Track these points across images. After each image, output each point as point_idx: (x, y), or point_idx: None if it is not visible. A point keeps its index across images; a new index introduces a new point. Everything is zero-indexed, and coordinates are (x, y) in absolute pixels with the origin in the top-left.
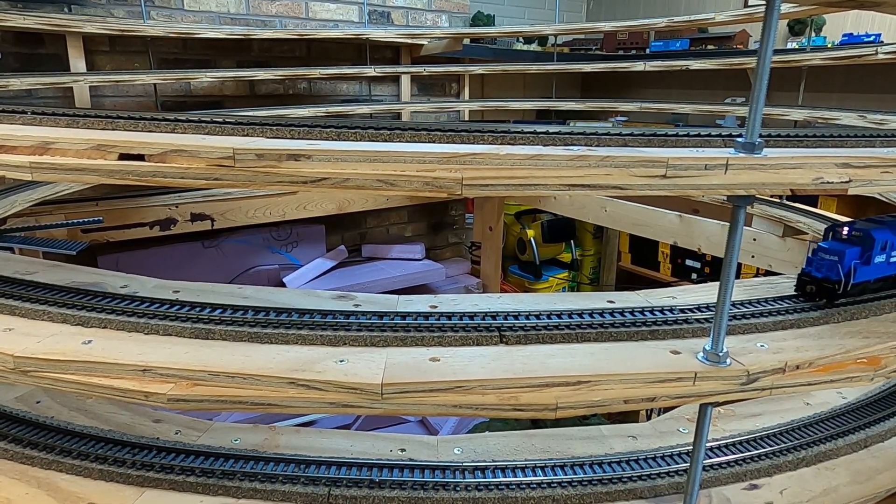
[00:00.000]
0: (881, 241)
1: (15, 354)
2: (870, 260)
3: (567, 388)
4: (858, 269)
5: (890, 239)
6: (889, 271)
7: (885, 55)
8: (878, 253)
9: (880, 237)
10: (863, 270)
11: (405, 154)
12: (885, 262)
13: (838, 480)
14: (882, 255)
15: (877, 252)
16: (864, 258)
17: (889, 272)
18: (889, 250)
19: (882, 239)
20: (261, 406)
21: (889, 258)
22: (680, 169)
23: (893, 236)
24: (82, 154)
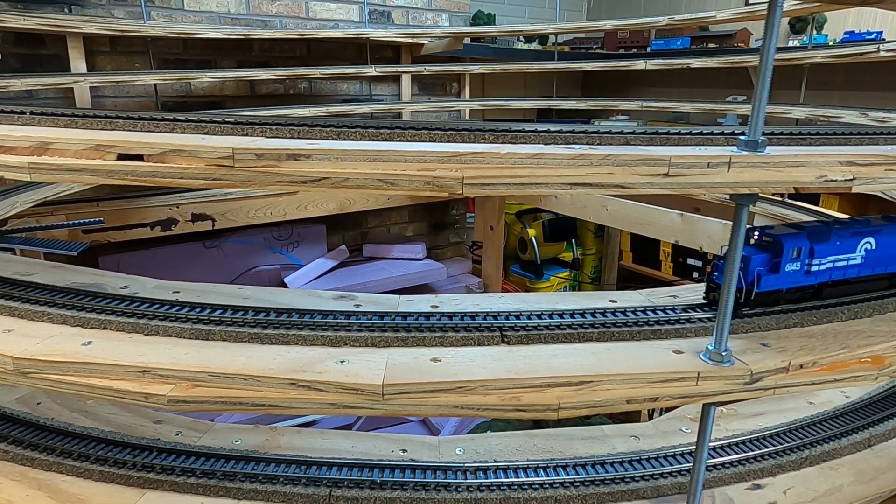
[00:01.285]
0: (793, 249)
1: (14, 356)
2: (779, 268)
3: (569, 388)
4: (764, 277)
5: (806, 246)
6: (807, 281)
7: (887, 53)
8: (789, 261)
9: (792, 244)
10: (770, 279)
11: (406, 153)
12: (800, 270)
13: (842, 480)
14: (795, 263)
15: (788, 260)
16: (773, 266)
17: (807, 282)
18: (805, 258)
19: (794, 246)
20: (261, 407)
21: (807, 267)
22: (682, 167)
23: (814, 244)
24: (81, 154)
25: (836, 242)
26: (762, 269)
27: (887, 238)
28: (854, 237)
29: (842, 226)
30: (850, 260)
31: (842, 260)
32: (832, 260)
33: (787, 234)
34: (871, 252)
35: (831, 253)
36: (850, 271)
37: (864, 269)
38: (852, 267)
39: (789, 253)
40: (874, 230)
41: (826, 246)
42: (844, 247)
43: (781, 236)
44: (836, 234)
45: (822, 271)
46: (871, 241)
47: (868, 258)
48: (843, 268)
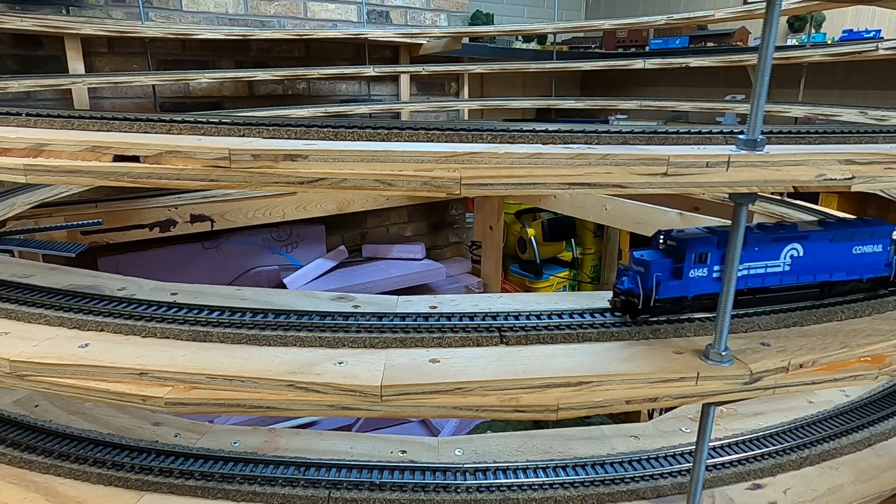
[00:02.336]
0: (696, 254)
1: (11, 358)
2: (681, 274)
3: (568, 388)
4: (664, 283)
5: (715, 252)
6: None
7: (886, 51)
8: (693, 267)
9: (695, 249)
10: (672, 286)
11: (403, 154)
12: (708, 277)
13: (842, 479)
14: (701, 269)
15: (691, 266)
16: (674, 272)
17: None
18: (715, 264)
19: (698, 251)
20: (259, 409)
21: (717, 273)
22: (681, 167)
23: (722, 250)
24: (77, 156)
25: (755, 248)
26: (662, 275)
27: (817, 245)
28: (776, 243)
29: (763, 231)
30: (770, 267)
31: (760, 267)
32: (748, 267)
33: (692, 239)
34: (799, 259)
35: (748, 259)
36: (770, 279)
37: (788, 277)
38: (773, 275)
39: (691, 258)
40: (801, 236)
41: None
42: (764, 253)
43: (685, 241)
44: (754, 239)
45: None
46: (797, 248)
47: (795, 266)
48: (763, 275)
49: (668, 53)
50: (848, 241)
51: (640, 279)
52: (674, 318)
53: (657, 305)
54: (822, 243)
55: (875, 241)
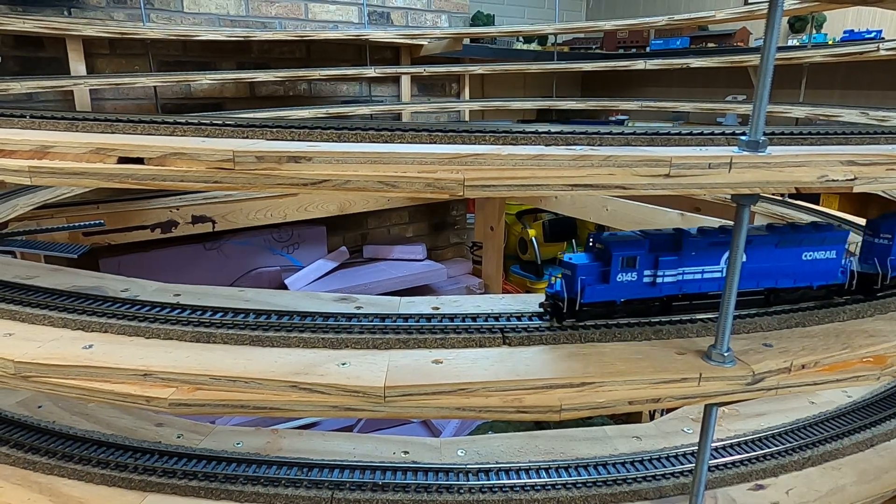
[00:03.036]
0: (623, 258)
1: (16, 360)
2: (608, 278)
3: (571, 389)
4: (590, 287)
5: (646, 256)
6: (651, 293)
7: (887, 52)
8: (621, 271)
9: (622, 253)
10: (598, 290)
11: (406, 155)
12: (637, 281)
13: (845, 480)
14: (630, 273)
15: (619, 270)
16: (601, 276)
17: (652, 294)
18: (645, 269)
19: (625, 255)
20: (263, 410)
21: (650, 278)
22: (683, 168)
23: (659, 254)
24: (81, 158)
25: (691, 253)
26: (588, 279)
27: (760, 250)
28: (714, 248)
29: (701, 235)
30: (707, 273)
31: (696, 272)
32: (682, 272)
33: (619, 242)
34: (742, 265)
35: (683, 264)
36: (707, 285)
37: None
38: (711, 280)
39: (618, 262)
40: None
41: (675, 256)
42: (701, 258)
43: (612, 244)
44: (690, 243)
45: (670, 283)
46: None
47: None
48: (699, 281)
49: (668, 54)
50: (796, 247)
51: (566, 283)
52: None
53: (584, 310)
54: (766, 249)
55: (827, 247)
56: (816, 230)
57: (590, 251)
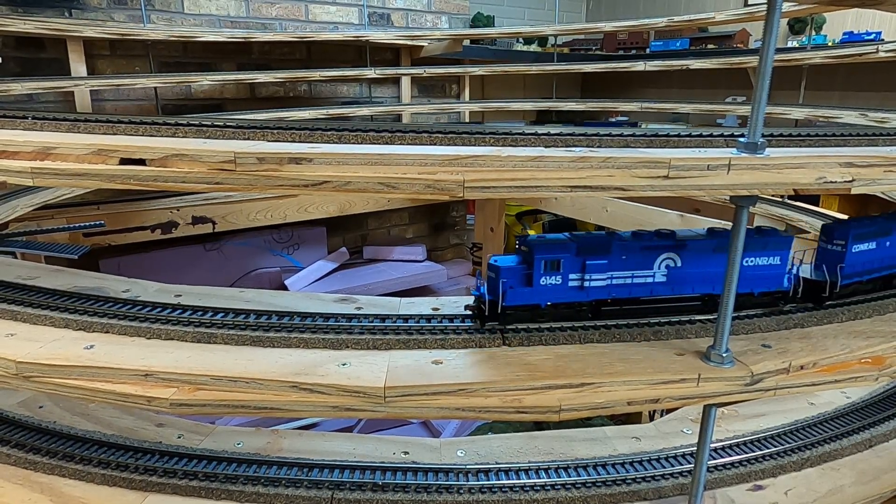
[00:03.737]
0: (547, 261)
1: (17, 360)
2: (531, 281)
3: (570, 389)
4: (512, 291)
5: (572, 259)
6: (579, 297)
7: (886, 53)
8: (544, 274)
9: (545, 256)
10: (521, 293)
11: (407, 156)
12: (563, 285)
13: (843, 481)
14: (554, 277)
15: (541, 273)
16: (525, 279)
17: (580, 298)
18: (571, 272)
19: (548, 258)
20: (263, 410)
21: (576, 282)
22: (682, 170)
23: (586, 257)
24: (83, 159)
25: (622, 257)
26: (511, 282)
27: (696, 255)
28: (647, 252)
29: (634, 239)
30: (638, 277)
31: (626, 277)
32: (611, 276)
33: (542, 245)
34: (676, 270)
35: (613, 268)
36: (639, 290)
37: (661, 288)
38: (643, 285)
39: (540, 265)
40: (677, 245)
41: (604, 260)
42: (633, 262)
43: (535, 246)
44: (620, 247)
45: (598, 288)
46: (673, 258)
47: (672, 277)
48: (629, 286)
49: (668, 55)
50: None
51: (491, 285)
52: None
53: (508, 313)
54: (702, 253)
55: (770, 252)
56: (760, 235)
57: (518, 254)
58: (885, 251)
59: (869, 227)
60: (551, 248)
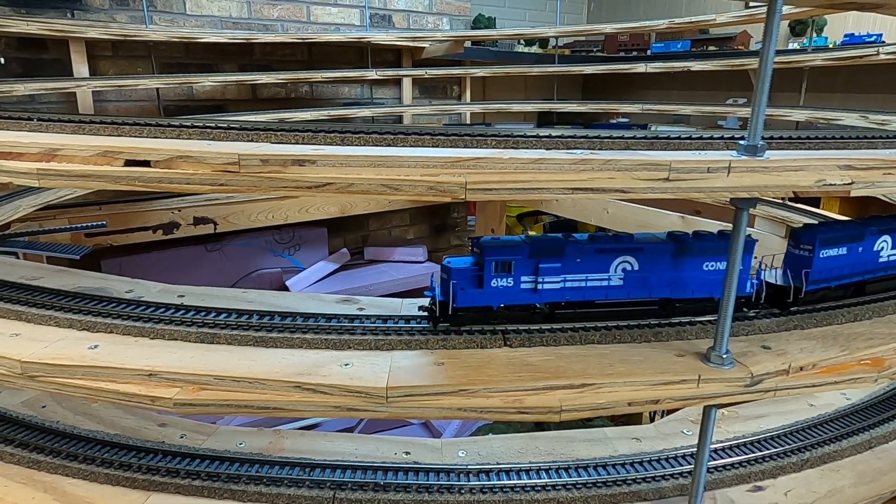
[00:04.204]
0: (498, 263)
1: (22, 359)
2: (483, 283)
3: (571, 390)
4: (463, 292)
5: (524, 262)
6: (532, 300)
7: (887, 55)
8: (495, 276)
9: (496, 258)
10: (472, 295)
11: (409, 158)
12: (515, 287)
13: (843, 482)
14: (505, 279)
15: (492, 275)
16: (476, 280)
17: (533, 301)
18: (523, 275)
19: (499, 260)
20: (266, 410)
21: (529, 284)
22: (682, 172)
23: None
24: (89, 160)
25: (576, 260)
26: (462, 283)
27: (653, 259)
28: (602, 255)
29: (590, 242)
30: (592, 280)
31: (579, 280)
32: (564, 279)
33: (494, 247)
34: (633, 274)
35: (567, 271)
36: (593, 293)
37: (616, 292)
38: (598, 289)
39: (492, 267)
40: (633, 249)
41: (558, 263)
42: (587, 266)
43: (486, 248)
44: (575, 250)
45: (552, 291)
46: (630, 262)
47: (629, 280)
48: (583, 289)
49: (669, 57)
50: (696, 256)
51: (443, 287)
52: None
53: (459, 314)
54: (660, 258)
55: None
56: (720, 239)
57: (471, 255)
58: (857, 257)
59: (839, 233)
60: (503, 250)
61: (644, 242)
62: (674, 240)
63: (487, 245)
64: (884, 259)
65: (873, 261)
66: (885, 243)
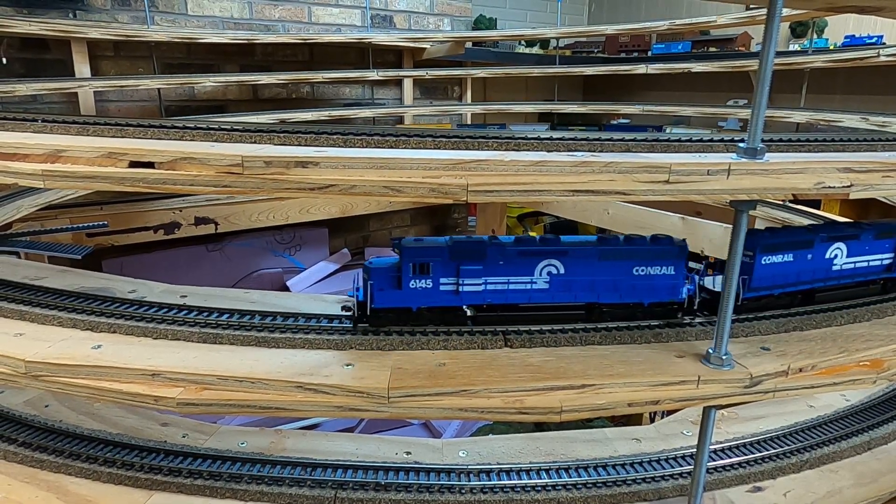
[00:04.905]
0: (415, 264)
1: (26, 359)
2: (401, 284)
3: (572, 391)
4: (382, 293)
5: (443, 263)
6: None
7: (887, 57)
8: (413, 277)
9: (413, 259)
10: (390, 295)
11: (411, 161)
12: (433, 289)
13: (842, 483)
14: (424, 280)
15: (410, 276)
16: (396, 281)
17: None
18: (443, 276)
19: (416, 261)
20: (268, 410)
21: (450, 286)
22: (683, 174)
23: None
24: (93, 162)
25: (499, 262)
26: (380, 284)
27: (579, 263)
28: (526, 258)
29: (516, 244)
30: (514, 283)
31: (502, 283)
32: (486, 281)
33: (415, 248)
34: (558, 277)
35: (489, 274)
36: (515, 296)
37: (540, 295)
38: (520, 292)
39: (409, 268)
40: (558, 252)
41: (479, 265)
42: (510, 268)
43: (405, 249)
44: (497, 253)
45: (473, 293)
46: (555, 265)
47: (555, 284)
48: (506, 292)
49: (670, 58)
50: (624, 261)
51: (364, 287)
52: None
53: (379, 315)
54: (587, 261)
55: (664, 262)
56: (653, 244)
57: (395, 256)
58: (806, 265)
59: (783, 239)
60: (422, 251)
61: (570, 246)
62: (602, 243)
63: (407, 246)
64: (837, 268)
65: (824, 269)
66: (838, 251)
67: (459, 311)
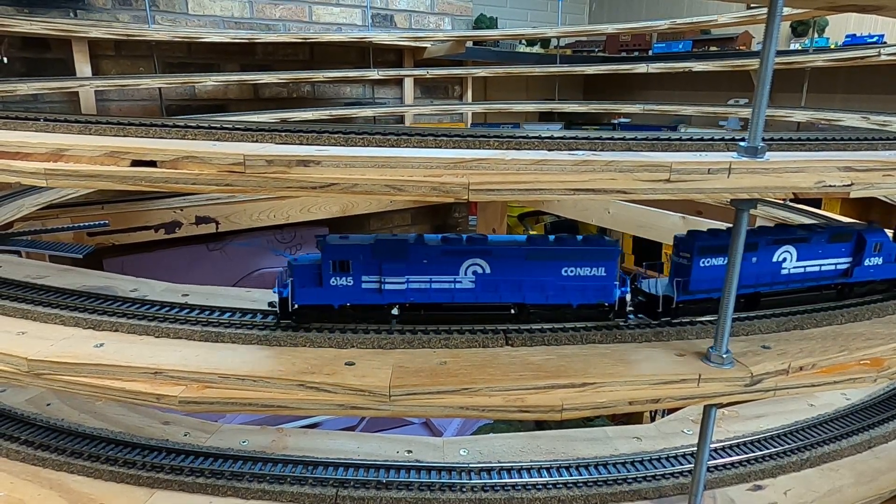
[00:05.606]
0: (335, 262)
1: (29, 357)
2: (322, 281)
3: (572, 389)
4: (302, 289)
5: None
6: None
7: (888, 56)
8: (333, 275)
9: (333, 256)
10: (310, 293)
11: (413, 159)
12: (354, 286)
13: (842, 481)
14: (345, 277)
15: (331, 274)
16: (317, 279)
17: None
18: (365, 274)
19: (338, 259)
20: (271, 408)
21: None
22: (683, 173)
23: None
24: (96, 161)
25: (422, 261)
26: (302, 281)
27: (504, 263)
28: (449, 257)
29: (442, 243)
30: (437, 282)
31: (425, 282)
32: (408, 280)
33: (338, 246)
34: (484, 277)
35: (411, 272)
36: (438, 295)
37: (465, 295)
38: (444, 291)
39: (329, 266)
40: (483, 251)
41: (401, 264)
42: (434, 267)
43: (326, 247)
44: (420, 251)
45: (395, 292)
46: (481, 265)
47: (480, 284)
48: (429, 291)
49: (671, 57)
50: (552, 261)
51: (289, 284)
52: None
53: (302, 311)
54: (513, 261)
55: (594, 263)
56: (584, 244)
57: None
58: (749, 268)
59: (723, 241)
60: (343, 249)
61: (496, 245)
62: (529, 243)
63: (328, 244)
64: (786, 272)
65: (771, 273)
66: (787, 255)
67: (384, 309)
